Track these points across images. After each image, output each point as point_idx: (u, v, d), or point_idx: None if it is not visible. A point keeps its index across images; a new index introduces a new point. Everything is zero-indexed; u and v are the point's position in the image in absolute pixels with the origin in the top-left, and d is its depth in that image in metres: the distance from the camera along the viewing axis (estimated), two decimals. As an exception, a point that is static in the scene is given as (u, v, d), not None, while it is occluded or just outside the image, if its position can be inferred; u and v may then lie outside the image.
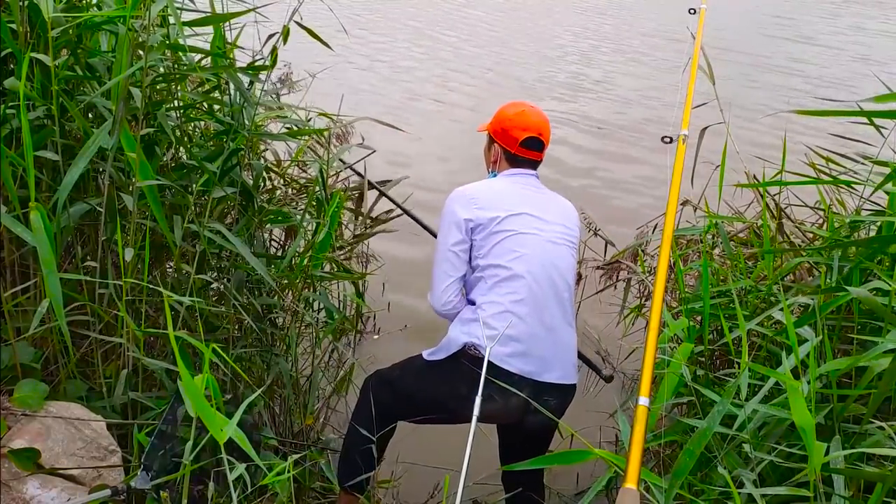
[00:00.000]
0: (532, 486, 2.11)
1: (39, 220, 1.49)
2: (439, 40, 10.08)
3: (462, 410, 1.80)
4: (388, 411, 2.05)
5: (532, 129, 2.16)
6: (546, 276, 1.98)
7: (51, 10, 1.61)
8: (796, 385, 1.21)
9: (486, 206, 2.05)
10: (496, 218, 2.02)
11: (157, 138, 1.96)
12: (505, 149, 2.18)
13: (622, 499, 1.06)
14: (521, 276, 1.96)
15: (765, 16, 14.20)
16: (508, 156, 2.19)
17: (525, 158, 2.17)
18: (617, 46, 10.82)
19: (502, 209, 2.04)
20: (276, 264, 2.26)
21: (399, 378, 2.09)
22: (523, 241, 2.01)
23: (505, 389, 1.84)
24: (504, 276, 1.98)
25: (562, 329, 1.99)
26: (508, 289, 1.96)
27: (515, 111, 2.20)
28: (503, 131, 2.18)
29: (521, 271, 1.96)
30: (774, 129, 5.45)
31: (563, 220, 2.11)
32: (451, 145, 6.07)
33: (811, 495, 1.25)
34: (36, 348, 1.72)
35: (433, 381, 2.00)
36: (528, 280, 1.96)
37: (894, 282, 1.60)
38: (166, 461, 1.55)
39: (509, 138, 2.16)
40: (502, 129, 2.19)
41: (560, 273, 2.01)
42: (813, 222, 2.64)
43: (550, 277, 1.99)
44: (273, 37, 1.98)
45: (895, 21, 15.22)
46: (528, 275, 1.96)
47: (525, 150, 2.16)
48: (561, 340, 1.98)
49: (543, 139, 2.18)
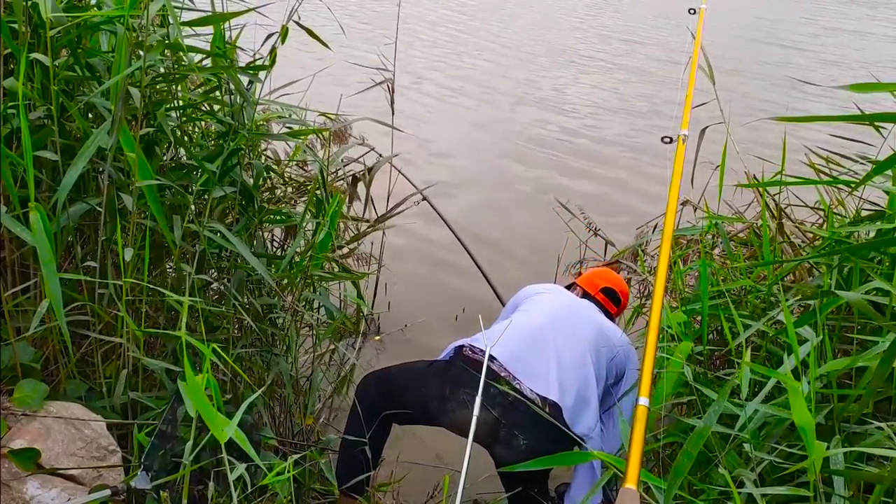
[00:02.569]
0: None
1: (39, 220, 1.49)
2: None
3: (439, 413, 1.96)
4: (374, 408, 2.07)
5: (616, 285, 2.38)
6: (557, 319, 2.12)
7: (50, 10, 1.61)
8: (796, 385, 1.21)
9: (530, 290, 2.30)
10: (532, 291, 2.27)
11: (157, 138, 1.96)
12: (584, 290, 2.38)
13: (622, 499, 1.06)
14: (536, 310, 2.15)
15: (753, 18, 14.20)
16: (586, 295, 2.37)
17: (599, 302, 2.34)
18: (617, 46, 10.82)
19: (539, 292, 2.26)
20: (277, 264, 2.26)
21: (393, 375, 2.14)
22: (542, 300, 2.20)
23: (494, 400, 1.88)
24: (524, 308, 2.18)
25: (569, 362, 2.01)
26: (527, 309, 2.16)
27: (605, 270, 2.48)
28: (589, 280, 2.41)
29: (538, 307, 2.16)
30: (774, 129, 5.45)
31: (602, 327, 2.17)
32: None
33: (811, 495, 1.25)
34: (36, 348, 1.72)
35: (424, 380, 2.05)
36: (542, 311, 2.14)
37: (894, 284, 1.60)
38: (166, 461, 1.55)
39: (593, 285, 2.37)
40: (589, 278, 2.42)
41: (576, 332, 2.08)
42: (813, 222, 2.64)
43: (562, 328, 2.09)
44: (272, 36, 1.98)
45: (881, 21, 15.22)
46: (542, 309, 2.15)
47: (602, 296, 2.35)
48: (563, 366, 1.99)
49: (622, 299, 2.39)
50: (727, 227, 2.60)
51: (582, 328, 2.10)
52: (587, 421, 1.95)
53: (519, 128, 6.77)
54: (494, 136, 6.51)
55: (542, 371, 1.94)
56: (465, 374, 1.94)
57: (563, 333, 2.05)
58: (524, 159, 5.99)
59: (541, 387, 1.92)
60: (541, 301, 2.20)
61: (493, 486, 2.25)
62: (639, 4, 15.13)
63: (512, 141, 6.39)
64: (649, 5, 14.66)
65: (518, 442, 1.89)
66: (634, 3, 15.37)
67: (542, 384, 1.92)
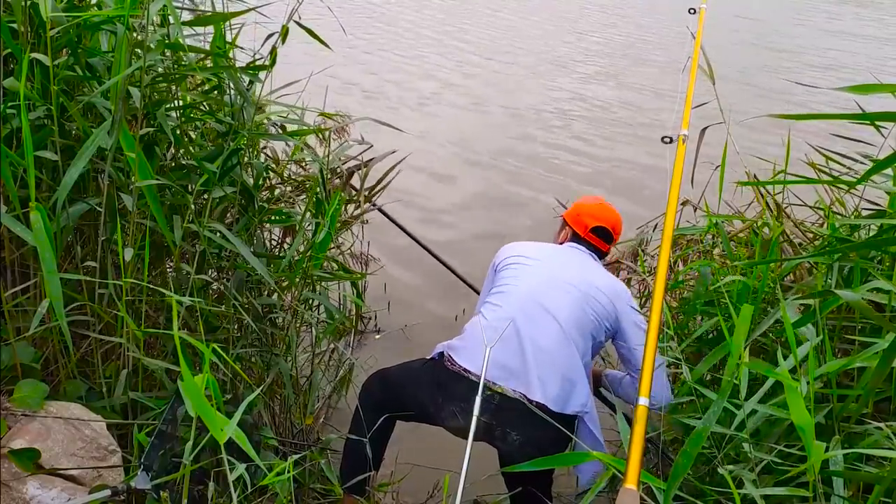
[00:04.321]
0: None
1: (39, 220, 1.49)
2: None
3: (436, 418, 2.00)
4: (377, 407, 2.08)
5: (604, 220, 2.27)
6: (533, 298, 2.05)
7: (49, 10, 1.61)
8: (795, 385, 1.21)
9: (509, 251, 2.21)
10: (509, 258, 2.18)
11: (157, 138, 1.96)
12: (574, 231, 2.28)
13: (622, 499, 1.06)
14: (503, 302, 2.07)
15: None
16: (576, 237, 2.28)
17: (590, 243, 2.26)
18: (617, 45, 10.82)
19: (518, 254, 2.18)
20: (276, 264, 2.26)
21: (393, 375, 2.15)
22: (517, 273, 2.12)
23: (465, 400, 1.89)
24: (496, 294, 2.11)
25: (548, 349, 1.98)
26: (496, 301, 2.08)
27: (595, 202, 2.35)
28: (577, 216, 2.30)
29: (509, 294, 2.08)
30: (775, 130, 5.45)
31: (589, 278, 2.11)
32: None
33: (810, 495, 1.25)
34: (36, 348, 1.72)
35: (419, 382, 2.06)
36: (513, 297, 2.06)
37: (894, 283, 1.60)
38: (166, 461, 1.55)
39: (581, 224, 2.27)
40: (577, 214, 2.31)
41: (549, 309, 2.02)
42: (813, 222, 2.64)
43: (540, 302, 2.03)
44: (272, 36, 1.97)
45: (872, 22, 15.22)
46: (514, 292, 2.07)
47: (593, 236, 2.26)
48: (541, 358, 1.96)
49: (614, 234, 2.30)
50: (727, 226, 2.60)
51: (560, 301, 2.03)
52: (578, 398, 1.96)
53: (519, 118, 6.77)
54: (493, 135, 6.51)
55: (520, 369, 1.94)
56: (452, 384, 1.97)
57: (537, 318, 2.00)
58: (524, 153, 5.99)
59: (522, 386, 1.93)
60: (515, 283, 2.10)
61: (493, 487, 2.25)
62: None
63: (512, 134, 6.39)
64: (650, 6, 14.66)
65: (512, 437, 1.93)
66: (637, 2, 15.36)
67: (522, 383, 1.93)
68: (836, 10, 16.11)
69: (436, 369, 2.03)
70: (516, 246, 2.24)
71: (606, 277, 2.18)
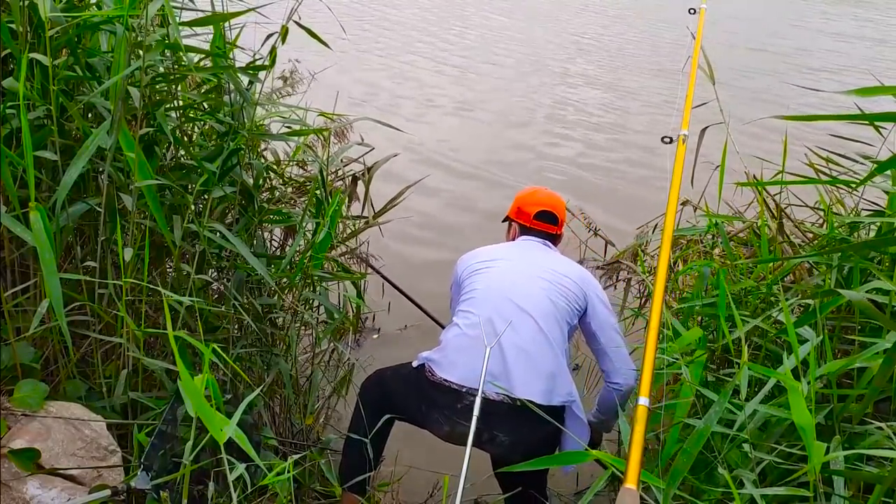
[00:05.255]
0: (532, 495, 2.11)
1: (39, 220, 1.49)
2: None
3: (424, 426, 2.03)
4: (374, 408, 2.09)
5: (545, 204, 2.28)
6: (506, 299, 2.03)
7: (48, 10, 1.61)
8: (796, 385, 1.21)
9: (467, 261, 2.21)
10: (470, 266, 2.17)
11: (157, 138, 1.96)
12: (521, 224, 2.30)
13: (622, 499, 1.06)
14: (478, 298, 2.06)
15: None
16: (524, 230, 2.29)
17: (539, 230, 2.27)
18: (616, 46, 10.82)
19: (479, 261, 2.17)
20: (277, 264, 2.25)
21: (387, 378, 2.17)
22: (482, 277, 2.11)
23: (467, 414, 1.86)
24: (466, 300, 2.10)
25: (528, 348, 1.97)
26: (468, 309, 2.06)
27: (529, 191, 2.37)
28: (518, 209, 2.31)
29: (480, 294, 2.07)
30: (775, 130, 5.45)
31: (551, 266, 2.12)
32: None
33: (811, 495, 1.25)
34: (36, 348, 1.72)
35: (408, 390, 2.07)
36: (484, 301, 2.05)
37: (894, 283, 1.60)
38: (166, 461, 1.55)
39: (524, 214, 2.29)
40: (517, 208, 2.32)
41: (522, 307, 2.01)
42: (813, 222, 2.64)
43: (515, 301, 2.02)
44: (272, 36, 1.97)
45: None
46: (484, 297, 2.06)
47: (539, 222, 2.27)
48: (522, 358, 1.95)
49: (557, 214, 2.29)
50: (727, 226, 2.60)
51: (531, 297, 2.03)
52: (562, 388, 1.96)
53: (519, 110, 6.77)
54: (492, 136, 6.51)
55: (501, 371, 1.93)
56: (434, 394, 1.98)
57: (512, 318, 1.99)
58: (522, 146, 5.99)
59: (504, 387, 1.92)
60: (483, 287, 2.09)
61: (492, 487, 2.25)
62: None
63: (512, 130, 6.39)
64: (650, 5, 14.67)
65: (500, 439, 1.93)
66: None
67: (504, 384, 1.92)
68: (832, 10, 16.12)
69: (419, 379, 2.02)
70: (473, 254, 2.24)
71: (567, 262, 2.20)
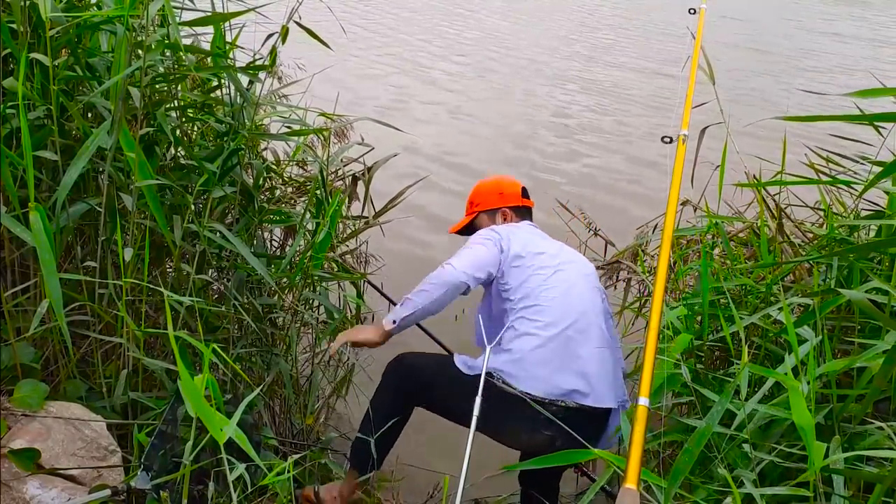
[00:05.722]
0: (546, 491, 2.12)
1: (39, 220, 1.49)
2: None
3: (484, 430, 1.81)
4: (411, 397, 2.02)
5: (517, 182, 2.34)
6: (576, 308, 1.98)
7: (49, 10, 1.61)
8: (796, 385, 1.21)
9: (514, 241, 2.09)
10: (523, 254, 2.05)
11: (157, 138, 1.96)
12: (513, 205, 2.28)
13: (622, 499, 1.06)
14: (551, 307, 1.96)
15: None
16: (518, 210, 2.28)
17: (528, 207, 2.31)
18: (616, 46, 10.82)
19: (531, 251, 2.08)
20: (277, 264, 2.25)
21: (424, 369, 2.06)
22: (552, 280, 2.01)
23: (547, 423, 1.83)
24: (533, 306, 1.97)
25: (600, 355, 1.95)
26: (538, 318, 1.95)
27: (494, 178, 2.39)
28: (500, 195, 2.29)
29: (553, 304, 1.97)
30: (775, 130, 5.45)
31: (578, 258, 2.16)
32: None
33: (811, 495, 1.25)
34: (36, 348, 1.72)
35: (461, 391, 1.87)
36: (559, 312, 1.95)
37: (893, 284, 1.60)
38: (166, 461, 1.55)
39: (509, 196, 2.28)
40: (499, 194, 2.29)
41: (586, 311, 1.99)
42: (813, 222, 2.64)
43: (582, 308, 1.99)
44: (272, 37, 1.97)
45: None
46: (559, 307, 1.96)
47: (526, 198, 2.31)
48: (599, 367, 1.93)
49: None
50: (727, 226, 2.60)
51: (590, 301, 2.01)
52: (621, 386, 1.99)
53: (519, 111, 6.77)
54: (492, 136, 6.51)
55: (586, 387, 1.89)
56: (513, 405, 1.88)
57: (585, 329, 1.95)
58: (524, 146, 5.99)
59: (595, 400, 1.89)
60: (547, 293, 1.99)
61: (493, 487, 2.25)
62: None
63: (512, 130, 6.39)
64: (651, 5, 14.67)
65: (558, 444, 1.86)
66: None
67: (592, 398, 1.89)
68: (831, 10, 16.12)
69: (488, 387, 1.81)
70: (515, 234, 2.12)
71: (572, 250, 2.21)
